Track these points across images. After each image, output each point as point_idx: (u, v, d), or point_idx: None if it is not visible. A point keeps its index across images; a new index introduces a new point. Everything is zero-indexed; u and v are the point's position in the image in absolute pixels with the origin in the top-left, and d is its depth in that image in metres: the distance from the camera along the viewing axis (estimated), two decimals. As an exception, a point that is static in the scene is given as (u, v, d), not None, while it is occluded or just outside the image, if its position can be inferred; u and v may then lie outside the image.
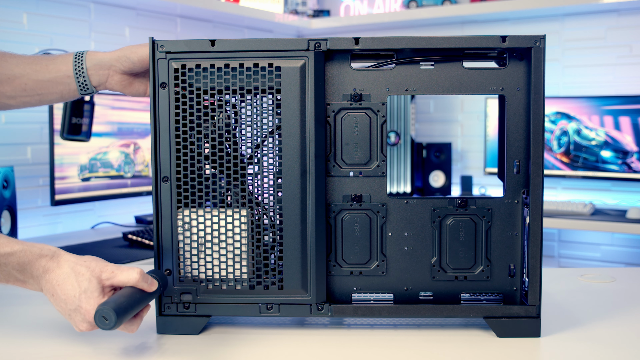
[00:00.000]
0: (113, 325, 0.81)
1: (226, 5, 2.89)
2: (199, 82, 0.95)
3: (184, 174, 0.96)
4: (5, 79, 1.06)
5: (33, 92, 1.08)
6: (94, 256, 0.89)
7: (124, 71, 1.06)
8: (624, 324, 1.00)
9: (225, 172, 0.96)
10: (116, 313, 0.81)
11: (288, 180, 0.95)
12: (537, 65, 0.93)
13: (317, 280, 0.96)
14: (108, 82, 1.07)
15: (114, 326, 0.81)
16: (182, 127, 0.95)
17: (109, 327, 0.81)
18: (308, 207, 0.95)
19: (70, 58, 1.07)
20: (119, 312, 0.81)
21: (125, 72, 1.06)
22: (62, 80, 1.07)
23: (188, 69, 0.95)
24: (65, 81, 1.07)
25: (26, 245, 0.88)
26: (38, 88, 1.08)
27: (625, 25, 2.91)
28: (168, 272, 0.97)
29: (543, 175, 0.93)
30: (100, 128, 2.40)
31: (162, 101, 0.95)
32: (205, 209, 0.96)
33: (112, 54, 1.06)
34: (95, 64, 1.06)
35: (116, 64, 1.05)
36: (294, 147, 0.95)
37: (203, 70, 0.95)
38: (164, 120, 0.95)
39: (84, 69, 1.05)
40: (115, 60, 1.05)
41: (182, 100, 0.95)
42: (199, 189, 0.96)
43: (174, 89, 0.95)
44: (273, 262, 0.97)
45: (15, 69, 1.06)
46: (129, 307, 0.84)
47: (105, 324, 0.81)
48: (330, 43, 0.95)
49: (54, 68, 1.07)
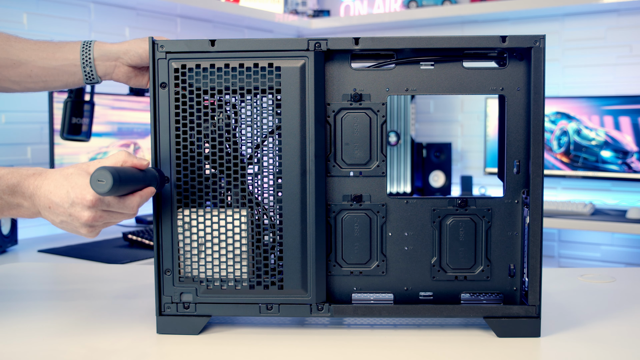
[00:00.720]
0: (110, 187, 0.78)
1: (226, 5, 2.89)
2: (199, 82, 0.95)
3: (184, 174, 0.96)
4: (10, 64, 1.06)
5: (38, 78, 1.08)
6: None
7: (130, 64, 1.07)
8: (624, 324, 1.00)
9: (225, 172, 0.96)
10: (111, 174, 0.78)
11: (288, 180, 0.95)
12: (537, 65, 0.93)
13: (317, 280, 0.96)
14: (114, 73, 1.08)
15: (110, 188, 0.78)
16: (182, 127, 0.95)
17: (105, 189, 0.78)
18: (308, 207, 0.95)
19: (78, 47, 1.07)
20: (114, 173, 0.79)
21: (132, 65, 1.08)
22: (69, 69, 1.08)
23: (188, 69, 0.95)
24: (72, 70, 1.08)
25: (11, 168, 0.88)
26: (44, 75, 1.08)
27: (625, 25, 2.91)
28: (168, 272, 0.97)
29: (543, 175, 0.93)
30: (100, 128, 2.40)
31: (162, 101, 0.95)
32: (205, 209, 0.96)
33: (119, 45, 1.07)
34: (103, 54, 1.07)
35: (124, 56, 1.06)
36: (294, 147, 0.95)
37: (203, 70, 0.95)
38: (164, 120, 0.95)
39: (91, 59, 1.06)
40: (123, 53, 1.06)
41: (182, 100, 0.95)
42: (199, 189, 0.96)
43: (174, 89, 0.95)
44: (273, 262, 0.97)
45: (22, 55, 1.06)
46: (123, 173, 0.81)
47: (101, 185, 0.78)
48: (330, 43, 0.95)
49: (61, 56, 1.07)
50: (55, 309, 1.10)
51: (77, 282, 1.30)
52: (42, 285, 1.31)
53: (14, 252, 2.08)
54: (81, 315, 1.05)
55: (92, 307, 1.10)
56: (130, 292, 1.20)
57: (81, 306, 1.10)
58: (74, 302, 1.13)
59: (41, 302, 1.15)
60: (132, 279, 1.30)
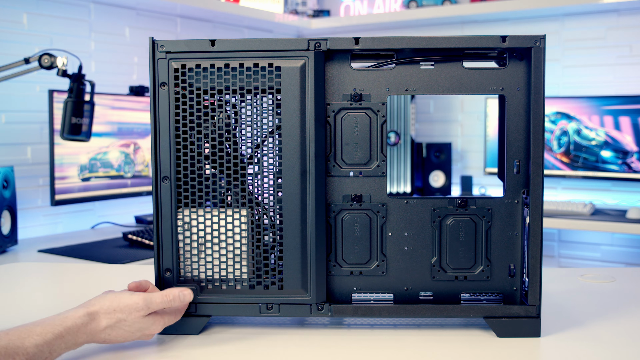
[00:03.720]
0: None
1: (226, 5, 2.89)
2: (199, 82, 0.95)
3: (184, 174, 0.96)
4: None
5: None
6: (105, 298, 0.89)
7: None
8: (624, 324, 1.00)
9: (225, 172, 0.96)
10: None
11: (288, 180, 0.95)
12: (537, 65, 0.93)
13: (317, 280, 0.96)
14: None
15: None
16: (182, 127, 0.95)
17: None
18: (308, 207, 0.95)
19: None
20: None
21: None
22: None
23: (188, 69, 0.95)
24: None
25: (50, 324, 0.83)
26: None
27: (625, 25, 2.91)
28: (168, 272, 0.97)
29: (543, 175, 0.93)
30: (100, 128, 2.40)
31: (162, 101, 0.95)
32: (205, 209, 0.96)
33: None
34: None
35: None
36: (294, 147, 0.95)
37: (203, 70, 0.95)
38: (164, 120, 0.95)
39: None
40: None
41: (182, 100, 0.95)
42: (199, 189, 0.96)
43: (174, 88, 0.95)
44: (273, 262, 0.97)
45: None
46: None
47: None
48: (330, 43, 0.95)
49: None
50: (55, 309, 1.10)
51: (77, 282, 1.30)
52: (42, 285, 1.31)
53: (14, 252, 2.08)
54: (81, 315, 1.05)
55: (92, 307, 1.09)
56: (130, 292, 1.20)
57: (81, 306, 1.10)
58: (74, 302, 1.13)
59: (41, 302, 1.15)
60: (132, 279, 1.30)
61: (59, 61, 2.00)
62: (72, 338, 0.84)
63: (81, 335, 0.85)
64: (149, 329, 0.90)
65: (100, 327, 0.86)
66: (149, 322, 0.90)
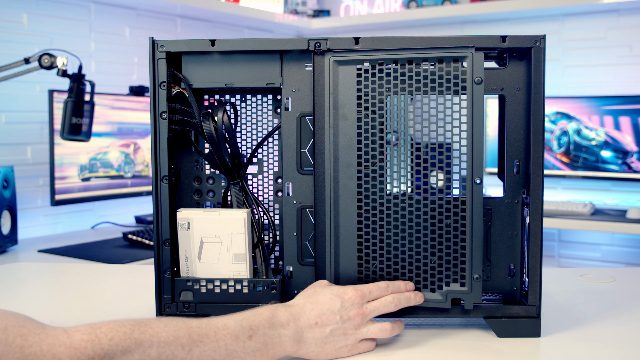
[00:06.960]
0: None
1: (226, 5, 2.89)
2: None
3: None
4: None
5: None
6: None
7: None
8: (624, 324, 1.00)
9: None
10: None
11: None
12: (537, 65, 0.93)
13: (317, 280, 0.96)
14: None
15: None
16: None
17: None
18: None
19: None
20: None
21: None
22: None
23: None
24: None
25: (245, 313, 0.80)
26: None
27: (625, 25, 2.91)
28: (168, 272, 0.97)
29: (543, 175, 0.93)
30: (100, 128, 2.40)
31: (162, 101, 0.95)
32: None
33: None
34: None
35: None
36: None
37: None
38: (164, 120, 0.95)
39: None
40: None
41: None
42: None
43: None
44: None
45: None
46: None
47: None
48: (330, 43, 0.95)
49: None
50: (55, 309, 1.10)
51: (77, 282, 1.30)
52: (42, 285, 1.31)
53: (14, 252, 2.08)
54: (81, 315, 1.05)
55: (92, 307, 1.09)
56: (130, 292, 1.20)
57: (81, 306, 1.10)
58: (73, 302, 1.13)
59: (41, 302, 1.15)
60: (132, 279, 1.30)
61: (59, 61, 2.00)
62: None
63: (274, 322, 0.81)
64: None
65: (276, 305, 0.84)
66: None
